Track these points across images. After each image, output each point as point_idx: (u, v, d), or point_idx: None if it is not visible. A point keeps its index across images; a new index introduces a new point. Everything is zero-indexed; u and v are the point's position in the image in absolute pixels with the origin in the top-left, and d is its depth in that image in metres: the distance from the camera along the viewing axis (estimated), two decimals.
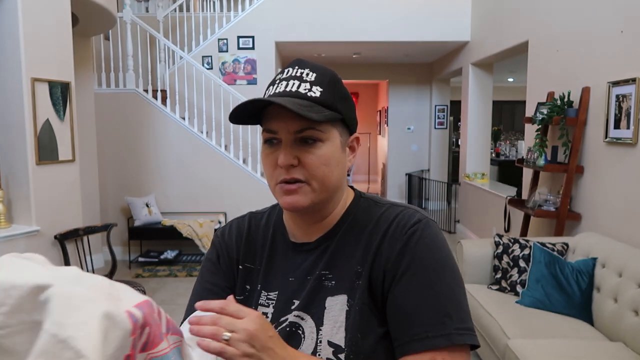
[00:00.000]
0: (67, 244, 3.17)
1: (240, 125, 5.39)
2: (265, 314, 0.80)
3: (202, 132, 5.42)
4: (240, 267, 0.86)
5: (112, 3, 3.98)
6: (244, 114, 0.77)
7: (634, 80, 2.71)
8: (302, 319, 0.77)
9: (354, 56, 7.29)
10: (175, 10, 6.19)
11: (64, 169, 3.21)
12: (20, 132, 2.93)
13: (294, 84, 0.75)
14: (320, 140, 0.75)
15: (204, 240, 4.99)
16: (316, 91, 0.74)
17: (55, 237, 3.10)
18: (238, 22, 5.98)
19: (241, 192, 5.36)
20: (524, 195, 4.16)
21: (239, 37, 5.99)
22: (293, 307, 0.78)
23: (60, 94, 3.15)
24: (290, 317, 0.78)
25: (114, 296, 0.52)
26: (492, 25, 5.26)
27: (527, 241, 2.92)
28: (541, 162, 3.51)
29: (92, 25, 4.33)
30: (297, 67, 0.77)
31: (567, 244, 2.89)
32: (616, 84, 2.89)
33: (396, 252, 0.73)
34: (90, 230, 3.37)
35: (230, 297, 0.66)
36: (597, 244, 2.71)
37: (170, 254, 5.13)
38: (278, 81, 0.77)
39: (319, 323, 0.75)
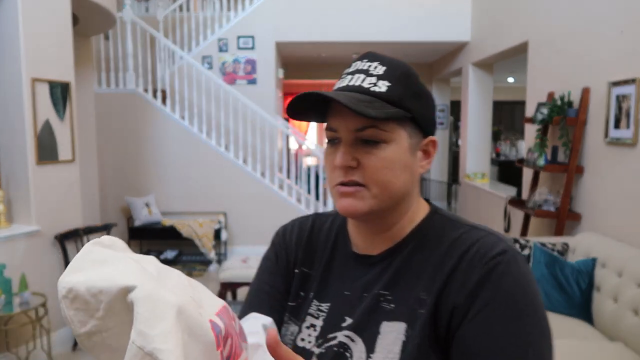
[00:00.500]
0: (67, 244, 3.17)
1: (240, 126, 5.42)
2: (313, 325, 0.74)
3: (202, 132, 5.42)
4: (296, 270, 0.80)
5: (112, 3, 3.98)
6: (303, 108, 0.70)
7: (634, 80, 2.71)
8: (352, 340, 0.69)
9: (354, 56, 7.28)
10: (175, 10, 6.19)
11: (64, 169, 3.21)
12: (20, 132, 2.93)
13: (358, 77, 0.68)
14: (383, 141, 0.66)
15: (204, 240, 4.99)
16: (382, 86, 0.66)
17: (55, 237, 3.10)
18: (238, 22, 5.98)
19: (241, 192, 5.36)
20: (524, 195, 4.16)
21: (239, 37, 5.99)
22: (344, 325, 0.71)
23: (60, 94, 3.15)
24: (340, 336, 0.70)
25: (195, 300, 0.47)
26: (492, 25, 5.26)
27: (527, 241, 2.92)
28: (541, 162, 3.51)
29: (92, 25, 4.32)
30: (366, 60, 0.70)
31: (567, 244, 2.89)
32: (616, 84, 2.89)
33: (472, 284, 0.62)
34: (90, 230, 3.37)
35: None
36: (597, 244, 2.71)
37: (170, 254, 5.13)
38: (344, 75, 0.71)
39: (370, 349, 0.67)
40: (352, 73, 0.69)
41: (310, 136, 11.32)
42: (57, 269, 3.15)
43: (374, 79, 0.67)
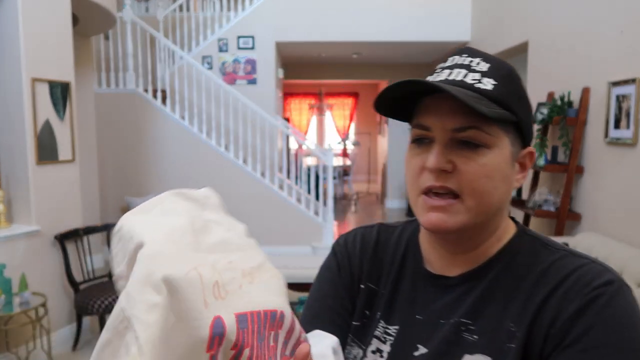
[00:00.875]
0: (67, 244, 3.17)
1: (240, 126, 5.42)
2: (380, 351, 0.65)
3: (202, 132, 5.42)
4: (362, 286, 0.70)
5: (112, 3, 3.98)
6: (392, 101, 0.62)
7: (634, 80, 2.71)
8: None
9: (354, 56, 7.29)
10: (175, 10, 6.19)
11: (64, 169, 3.21)
12: (20, 132, 2.93)
13: (459, 72, 0.59)
14: (485, 145, 0.58)
15: None
16: (487, 84, 0.58)
17: (55, 237, 3.10)
18: (238, 22, 5.98)
19: (241, 192, 5.36)
20: (524, 195, 4.16)
21: (239, 37, 5.99)
22: (417, 354, 0.62)
23: (60, 94, 3.15)
24: None
25: (219, 287, 0.41)
26: (492, 25, 5.26)
27: None
28: (541, 162, 3.51)
29: (92, 25, 4.32)
30: (465, 55, 0.62)
31: (567, 244, 2.89)
32: (616, 84, 2.89)
33: (568, 314, 0.53)
34: (90, 230, 3.37)
35: None
36: (597, 244, 2.71)
37: None
38: (439, 70, 0.62)
39: None
40: (451, 67, 0.61)
41: (310, 136, 11.33)
42: (57, 269, 3.16)
43: (477, 75, 0.59)
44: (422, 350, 0.62)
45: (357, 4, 5.91)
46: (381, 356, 0.65)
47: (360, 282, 0.71)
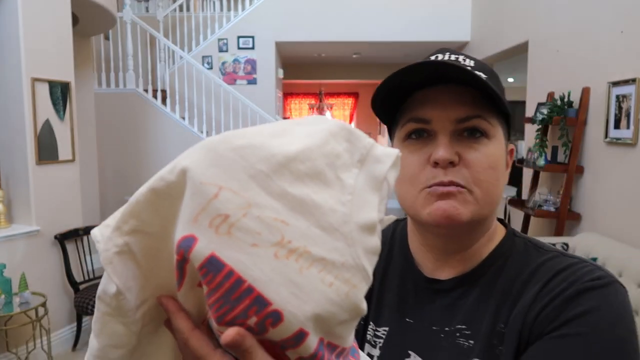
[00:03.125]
0: (67, 244, 3.17)
1: (240, 126, 5.41)
2: (370, 355, 0.62)
3: (202, 132, 5.42)
4: None
5: (112, 3, 3.98)
6: (385, 97, 0.58)
7: (634, 80, 2.71)
8: None
9: (354, 56, 7.29)
10: (175, 10, 6.19)
11: (64, 169, 3.21)
12: (20, 132, 2.93)
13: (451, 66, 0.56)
14: (486, 135, 0.56)
15: None
16: (481, 75, 0.55)
17: (55, 237, 3.10)
18: (238, 22, 5.98)
19: None
20: (524, 195, 4.16)
21: (239, 37, 5.99)
22: None
23: (60, 94, 3.15)
24: None
25: (226, 224, 0.33)
26: (492, 25, 5.26)
27: None
28: (541, 162, 3.51)
29: (92, 25, 4.32)
30: (448, 53, 0.60)
31: (567, 244, 2.89)
32: (616, 84, 2.89)
33: (555, 305, 0.51)
34: (90, 230, 3.36)
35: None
36: (597, 244, 2.71)
37: None
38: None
39: None
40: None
41: None
42: (57, 269, 3.15)
43: (469, 69, 0.55)
44: (414, 357, 0.59)
45: (357, 4, 5.91)
46: None
47: None
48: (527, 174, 4.23)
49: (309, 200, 0.35)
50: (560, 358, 0.49)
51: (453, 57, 0.59)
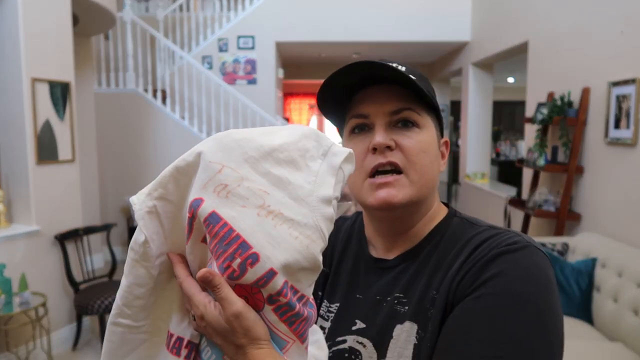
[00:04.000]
0: (67, 244, 3.17)
1: (240, 126, 5.41)
2: (322, 328, 0.71)
3: (202, 132, 5.42)
4: None
5: (112, 3, 3.98)
6: (332, 98, 0.67)
7: (634, 80, 2.71)
8: (364, 345, 0.66)
9: (354, 56, 7.28)
10: (175, 10, 6.19)
11: (64, 169, 3.21)
12: (20, 132, 2.93)
13: (382, 66, 0.65)
14: (417, 125, 0.66)
15: None
16: (411, 77, 0.63)
17: (55, 237, 3.10)
18: (238, 22, 5.98)
19: None
20: (524, 195, 4.16)
21: (239, 37, 5.99)
22: (354, 328, 0.68)
23: (60, 94, 3.15)
24: (350, 341, 0.67)
25: (225, 190, 0.48)
26: (492, 25, 5.26)
27: None
28: (541, 162, 3.51)
29: (92, 25, 4.33)
30: (382, 62, 0.66)
31: (567, 244, 2.89)
32: (616, 84, 2.89)
33: (475, 269, 0.58)
34: (90, 230, 3.36)
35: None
36: (597, 244, 2.71)
37: None
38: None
39: (381, 354, 0.63)
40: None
41: None
42: (57, 269, 3.15)
43: (399, 68, 0.64)
44: (360, 325, 0.67)
45: (357, 4, 5.91)
46: (324, 333, 0.70)
47: None
48: (527, 174, 4.23)
49: (285, 179, 0.49)
50: (477, 317, 0.54)
51: (388, 63, 0.66)
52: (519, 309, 0.53)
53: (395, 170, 0.64)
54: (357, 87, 0.67)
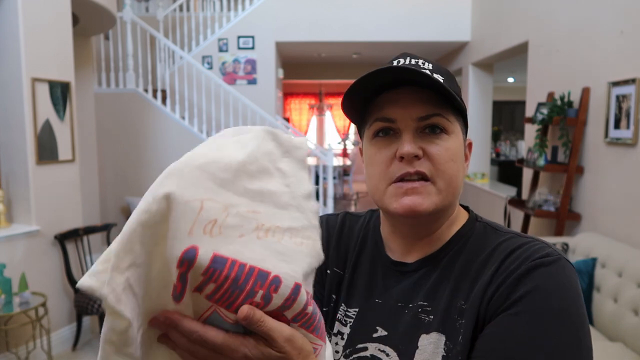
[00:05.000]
0: (67, 244, 3.17)
1: (240, 125, 5.42)
2: (341, 333, 0.69)
3: (202, 132, 5.42)
4: (328, 271, 0.73)
5: (112, 3, 3.98)
6: (357, 97, 0.64)
7: (634, 80, 2.71)
8: (387, 354, 0.63)
9: (354, 56, 7.29)
10: (175, 10, 6.19)
11: (64, 169, 3.21)
12: (20, 132, 2.93)
13: (411, 71, 0.61)
14: (446, 131, 0.63)
15: None
16: (439, 78, 0.61)
17: (55, 237, 3.10)
18: (238, 22, 5.98)
19: None
20: (524, 196, 4.16)
21: (239, 37, 5.99)
22: (375, 336, 0.65)
23: (60, 94, 3.15)
24: (372, 349, 0.65)
25: (217, 227, 0.42)
26: (492, 25, 5.26)
27: None
28: (541, 162, 3.51)
29: (92, 25, 4.32)
30: (408, 57, 0.65)
31: (567, 244, 2.89)
32: (616, 84, 2.89)
33: (508, 283, 0.57)
34: (90, 230, 3.37)
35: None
36: (597, 244, 2.71)
37: None
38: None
39: None
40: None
41: (310, 136, 11.32)
42: (57, 269, 3.15)
43: (428, 72, 0.61)
44: (381, 332, 0.65)
45: (357, 3, 5.91)
46: (342, 338, 0.68)
47: (327, 267, 0.74)
48: (527, 174, 4.23)
49: (265, 190, 0.46)
50: (514, 333, 0.54)
51: (413, 61, 0.64)
52: (557, 325, 0.54)
53: (423, 177, 0.62)
54: (381, 88, 0.64)
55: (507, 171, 7.69)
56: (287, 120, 10.20)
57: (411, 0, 5.89)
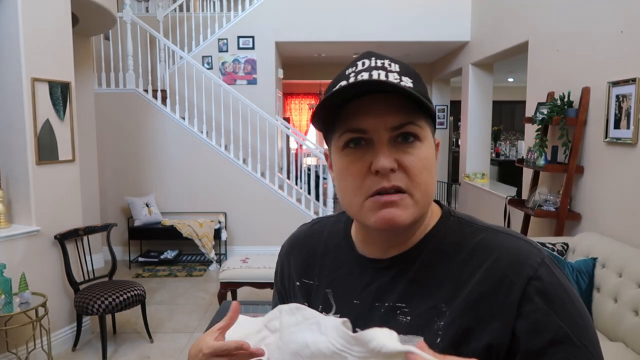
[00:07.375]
0: (67, 244, 3.17)
1: (241, 125, 5.42)
2: None
3: (202, 132, 5.42)
4: (297, 283, 0.74)
5: (112, 3, 3.98)
6: (326, 108, 0.61)
7: (634, 80, 2.71)
8: None
9: (354, 56, 7.24)
10: (175, 10, 6.19)
11: (64, 169, 3.21)
12: (20, 132, 2.93)
13: (379, 74, 0.59)
14: (419, 138, 0.61)
15: (204, 240, 4.99)
16: (408, 82, 0.60)
17: (55, 237, 3.10)
18: (238, 22, 5.98)
19: (241, 192, 5.36)
20: (524, 195, 4.16)
21: (239, 37, 5.99)
22: None
23: (60, 94, 3.15)
24: None
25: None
26: (492, 25, 5.26)
27: None
28: (541, 162, 3.51)
29: (92, 25, 4.33)
30: (373, 58, 0.63)
31: (567, 244, 2.89)
32: (616, 84, 2.89)
33: (512, 304, 0.57)
34: (90, 230, 3.36)
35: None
36: (597, 244, 2.71)
37: (170, 254, 5.14)
38: (353, 75, 0.61)
39: None
40: (368, 70, 0.61)
41: (310, 136, 11.32)
42: (57, 269, 3.15)
43: (396, 75, 0.60)
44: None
45: (357, 4, 5.91)
46: None
47: (296, 280, 0.74)
48: (527, 174, 4.23)
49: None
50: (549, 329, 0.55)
51: (379, 62, 0.62)
52: (579, 323, 0.57)
53: (399, 190, 0.60)
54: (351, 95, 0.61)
55: (507, 171, 7.69)
56: (287, 120, 10.20)
57: (411, 1, 5.89)
